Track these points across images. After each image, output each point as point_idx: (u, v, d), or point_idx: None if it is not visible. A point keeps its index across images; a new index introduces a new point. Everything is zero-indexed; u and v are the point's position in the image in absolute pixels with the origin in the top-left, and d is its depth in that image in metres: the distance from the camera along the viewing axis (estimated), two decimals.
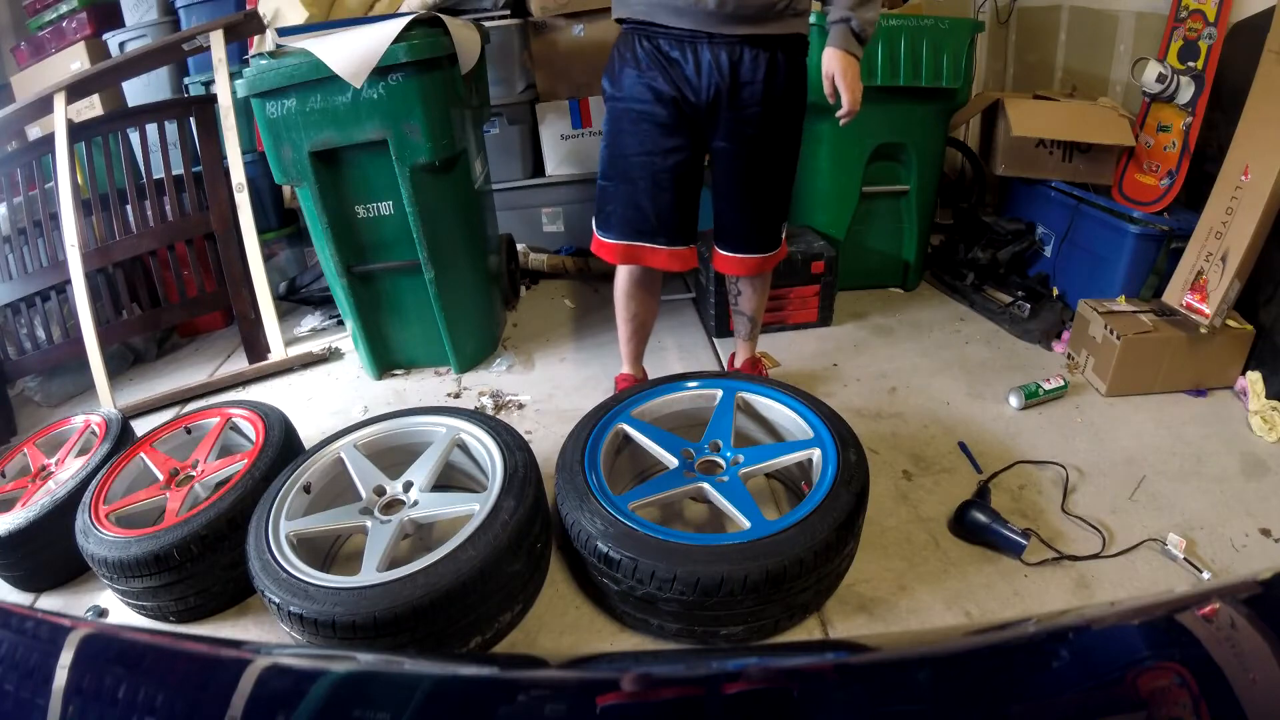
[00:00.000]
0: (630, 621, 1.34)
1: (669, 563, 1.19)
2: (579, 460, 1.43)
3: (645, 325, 1.93)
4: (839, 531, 1.25)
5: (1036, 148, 2.36)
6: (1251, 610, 0.39)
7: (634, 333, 1.92)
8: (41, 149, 2.48)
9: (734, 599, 1.19)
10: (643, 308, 1.87)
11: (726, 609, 1.21)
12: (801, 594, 1.26)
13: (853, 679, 0.35)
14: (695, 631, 1.27)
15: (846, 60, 1.51)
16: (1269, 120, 1.80)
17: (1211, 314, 1.84)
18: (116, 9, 3.07)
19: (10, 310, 2.49)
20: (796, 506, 1.31)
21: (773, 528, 1.24)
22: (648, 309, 1.89)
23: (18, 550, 1.54)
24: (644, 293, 1.84)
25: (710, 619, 1.24)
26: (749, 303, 1.95)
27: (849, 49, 1.50)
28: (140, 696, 0.35)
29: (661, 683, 0.34)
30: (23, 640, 0.41)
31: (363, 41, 1.81)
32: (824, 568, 1.25)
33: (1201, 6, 2.03)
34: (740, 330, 2.03)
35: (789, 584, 1.20)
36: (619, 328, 1.92)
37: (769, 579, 1.18)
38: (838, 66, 1.51)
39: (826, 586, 1.35)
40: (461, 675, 0.36)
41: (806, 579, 1.23)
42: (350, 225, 2.10)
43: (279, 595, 1.21)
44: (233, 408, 1.77)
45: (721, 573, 1.17)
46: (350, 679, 0.36)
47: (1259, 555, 1.45)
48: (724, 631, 1.25)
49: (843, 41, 1.50)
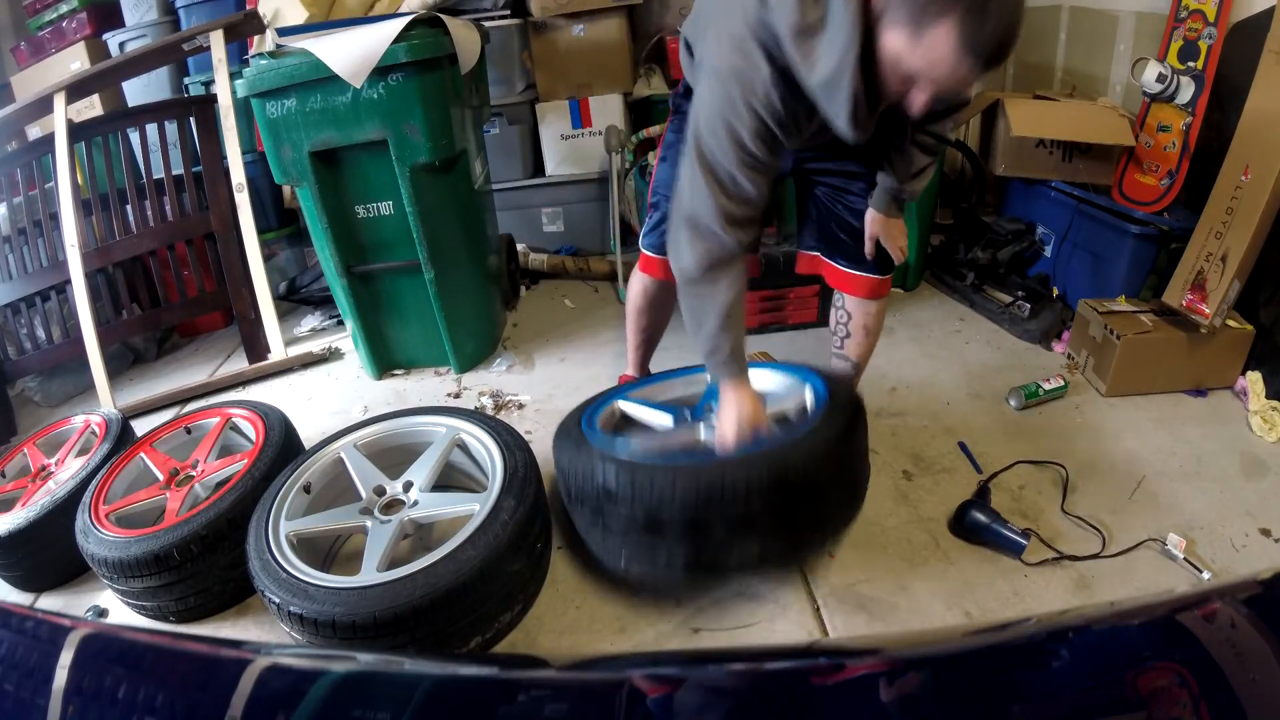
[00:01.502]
0: (637, 569, 1.28)
1: (669, 475, 1.16)
2: (576, 424, 1.44)
3: (655, 336, 1.92)
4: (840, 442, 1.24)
5: (1036, 148, 2.36)
6: (1251, 610, 0.39)
7: (643, 342, 1.91)
8: (41, 149, 2.48)
9: (738, 506, 1.15)
10: (654, 321, 1.86)
11: (728, 524, 1.17)
12: (806, 514, 1.24)
13: (853, 679, 0.35)
14: (703, 561, 1.21)
15: (893, 225, 1.53)
16: (1269, 120, 1.80)
17: (1211, 314, 1.84)
18: (116, 9, 3.07)
19: (10, 310, 2.48)
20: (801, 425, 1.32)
21: (768, 444, 1.25)
22: (659, 323, 1.87)
23: (18, 550, 1.54)
24: (657, 308, 1.81)
25: (719, 544, 1.19)
26: (858, 345, 1.75)
27: (893, 215, 1.51)
28: (140, 696, 0.35)
29: (661, 683, 0.34)
30: (23, 640, 0.41)
31: (363, 41, 1.81)
32: (838, 474, 1.25)
33: (1201, 6, 2.03)
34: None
35: (795, 491, 1.18)
36: (629, 336, 1.91)
37: (776, 483, 1.15)
38: (884, 231, 1.53)
39: (829, 512, 1.31)
40: (461, 675, 0.36)
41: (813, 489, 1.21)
42: (350, 225, 2.10)
43: (279, 595, 1.21)
44: (233, 408, 1.77)
45: (724, 476, 1.15)
46: (350, 679, 0.36)
47: (1259, 555, 1.45)
48: (734, 557, 1.21)
49: (889, 209, 1.50)
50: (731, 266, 1.26)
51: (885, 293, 1.67)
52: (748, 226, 1.24)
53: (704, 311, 1.28)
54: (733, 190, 1.19)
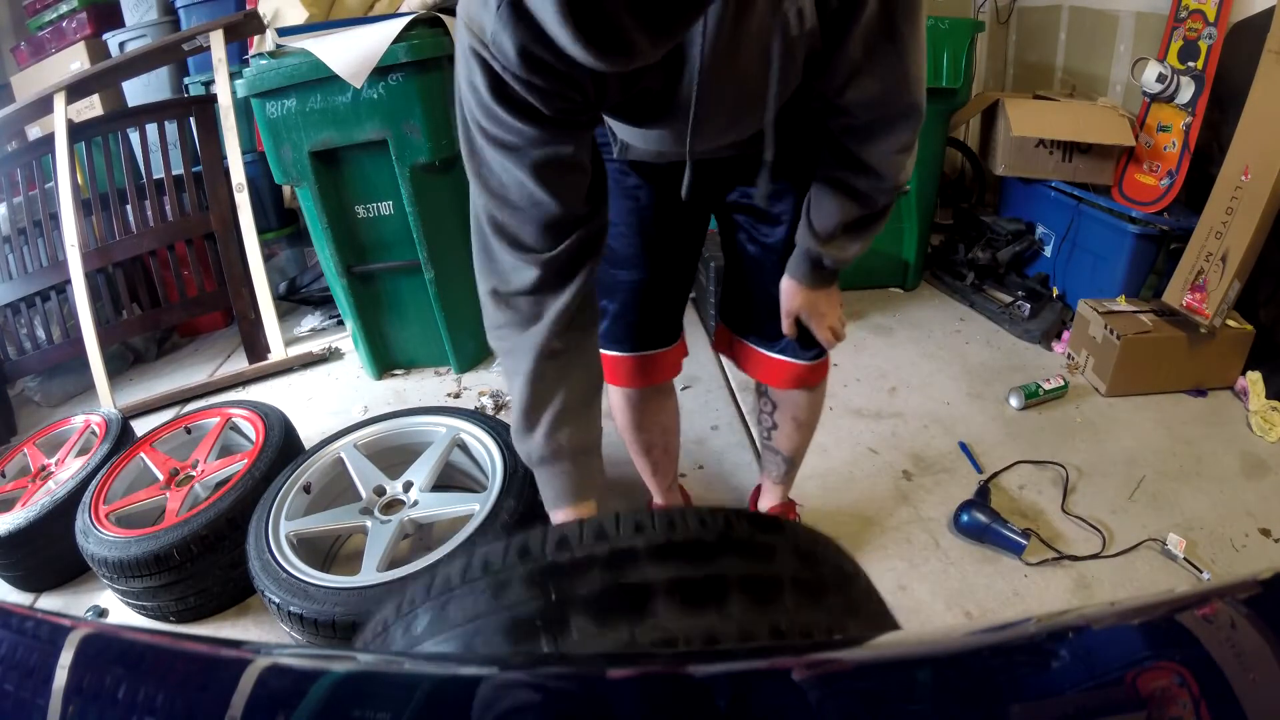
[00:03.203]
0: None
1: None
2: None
3: (669, 447, 1.42)
4: None
5: (1036, 148, 2.36)
6: (1251, 610, 0.39)
7: (652, 462, 1.40)
8: (41, 149, 2.48)
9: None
10: (652, 438, 1.36)
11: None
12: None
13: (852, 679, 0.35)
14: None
15: (818, 298, 1.06)
16: (1269, 120, 1.79)
17: (1211, 314, 1.84)
18: (116, 9, 3.07)
19: (10, 310, 2.49)
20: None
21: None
22: (667, 428, 1.39)
23: (18, 550, 1.54)
24: (651, 414, 1.33)
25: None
26: (788, 438, 1.32)
27: (813, 286, 1.04)
28: (140, 696, 0.35)
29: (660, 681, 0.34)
30: (23, 640, 0.41)
31: (363, 41, 1.81)
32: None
33: (1201, 6, 2.03)
34: (771, 469, 1.42)
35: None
36: (633, 459, 1.41)
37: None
38: (806, 307, 1.07)
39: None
40: (462, 675, 0.36)
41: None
42: (350, 225, 2.10)
43: (279, 595, 1.21)
44: (233, 408, 1.77)
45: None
46: (350, 679, 0.36)
47: (1259, 555, 1.45)
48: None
49: (808, 277, 1.02)
50: (517, 314, 0.84)
51: (816, 381, 1.21)
52: (530, 253, 0.81)
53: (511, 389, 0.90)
54: (507, 195, 0.79)
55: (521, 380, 0.85)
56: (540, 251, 0.81)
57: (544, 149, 0.74)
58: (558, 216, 0.79)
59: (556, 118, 0.72)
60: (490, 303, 0.85)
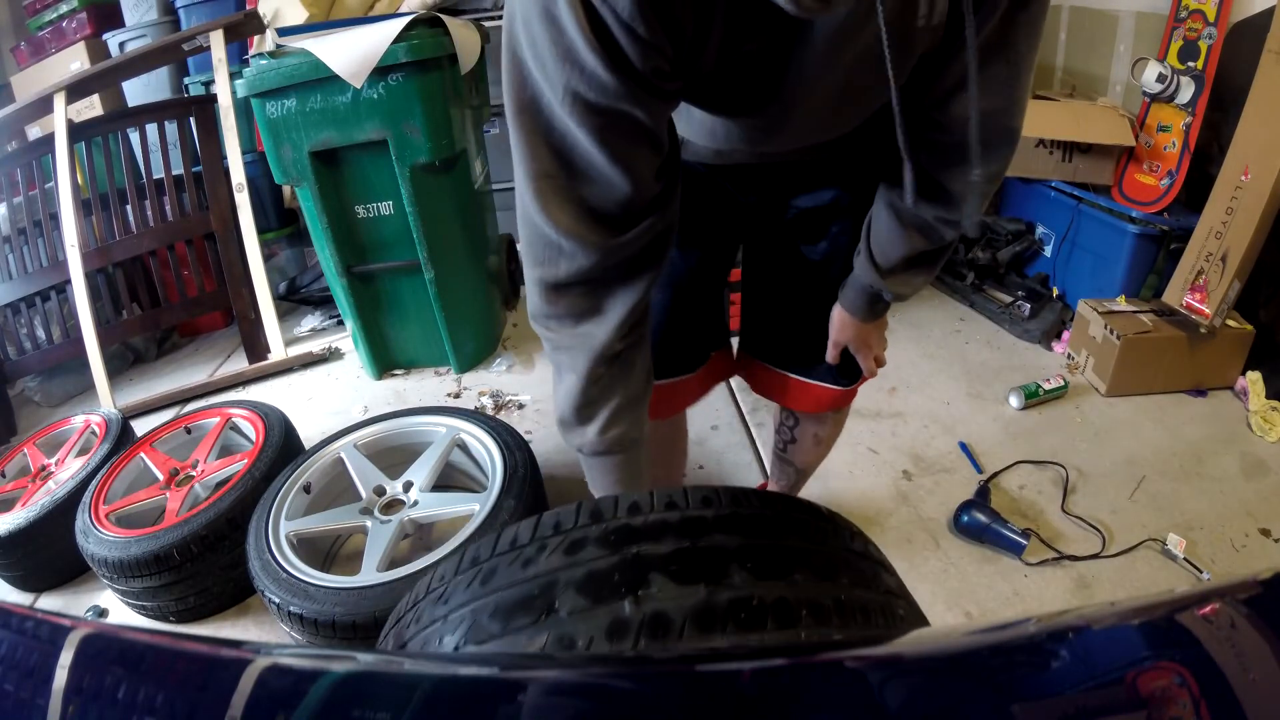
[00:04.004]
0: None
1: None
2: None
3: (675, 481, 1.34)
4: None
5: (1036, 147, 2.36)
6: (1251, 610, 0.39)
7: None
8: (41, 149, 2.48)
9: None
10: (659, 473, 1.29)
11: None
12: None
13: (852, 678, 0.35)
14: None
15: (868, 331, 1.02)
16: (1269, 120, 1.79)
17: (1211, 314, 1.84)
18: (116, 9, 3.07)
19: (10, 310, 2.49)
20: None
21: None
22: (671, 463, 1.34)
23: (18, 550, 1.54)
24: (662, 448, 1.26)
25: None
26: (805, 454, 1.30)
27: (867, 319, 1.00)
28: (140, 696, 0.35)
29: (661, 680, 0.34)
30: (23, 640, 0.41)
31: (363, 41, 1.81)
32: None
33: (1201, 6, 2.03)
34: (781, 479, 1.42)
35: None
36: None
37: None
38: (855, 340, 1.02)
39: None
40: (462, 675, 0.36)
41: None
42: (350, 225, 2.10)
43: (279, 595, 1.21)
44: (233, 408, 1.77)
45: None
46: (350, 679, 0.36)
47: (1259, 555, 1.46)
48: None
49: (866, 312, 0.98)
50: (570, 306, 0.75)
51: (847, 403, 1.16)
52: (589, 233, 0.69)
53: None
54: (570, 160, 0.66)
55: (576, 379, 0.79)
56: (606, 234, 0.70)
57: (621, 104, 0.62)
58: (626, 195, 0.68)
59: (644, 75, 0.61)
60: (536, 291, 0.76)
